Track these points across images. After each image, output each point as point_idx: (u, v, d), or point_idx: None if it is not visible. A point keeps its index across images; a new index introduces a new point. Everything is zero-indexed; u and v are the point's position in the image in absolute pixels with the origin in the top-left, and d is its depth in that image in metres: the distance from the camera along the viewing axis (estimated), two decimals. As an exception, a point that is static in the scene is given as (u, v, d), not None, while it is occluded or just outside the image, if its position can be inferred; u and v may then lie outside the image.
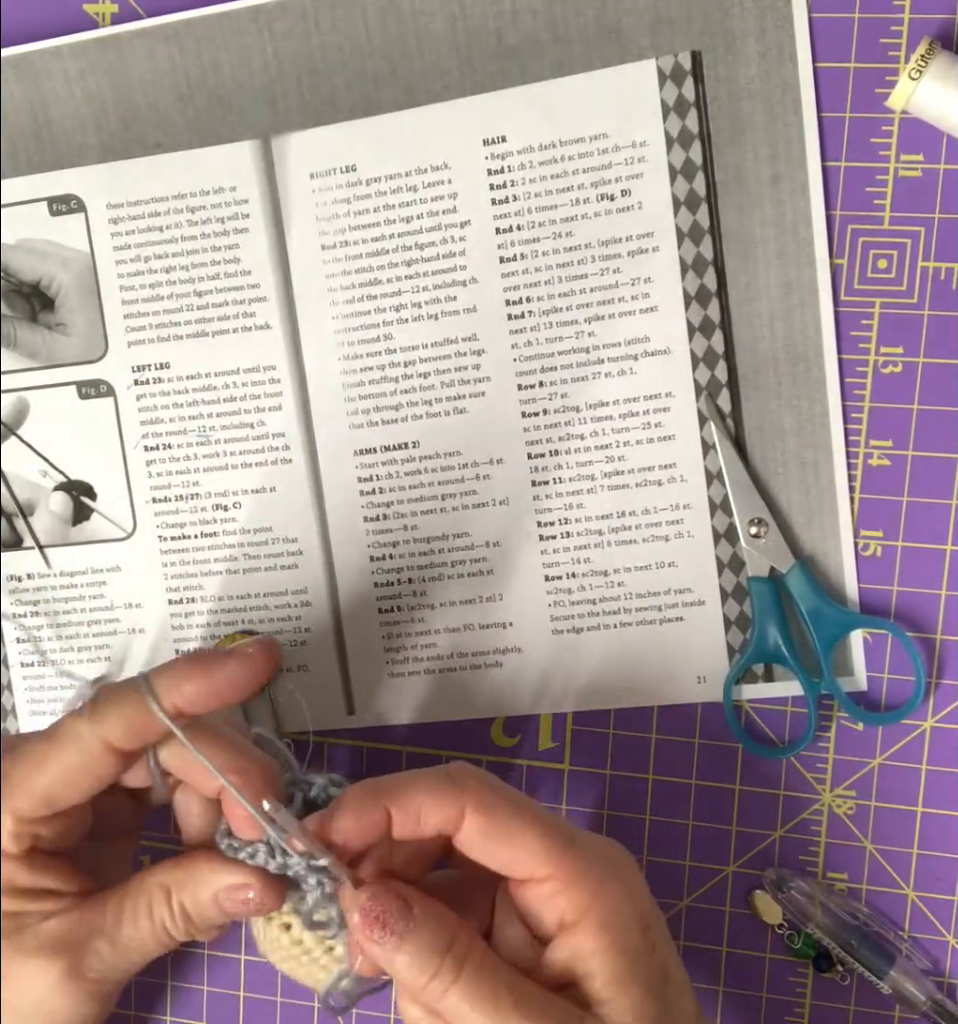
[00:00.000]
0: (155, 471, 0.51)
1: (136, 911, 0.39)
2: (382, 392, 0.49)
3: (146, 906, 0.39)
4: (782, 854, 0.48)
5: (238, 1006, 0.52)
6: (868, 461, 0.47)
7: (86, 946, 0.39)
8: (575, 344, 0.48)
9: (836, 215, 0.46)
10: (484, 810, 0.36)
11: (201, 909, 0.39)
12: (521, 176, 0.47)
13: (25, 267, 0.51)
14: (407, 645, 0.50)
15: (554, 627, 0.49)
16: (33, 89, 0.50)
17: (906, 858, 0.48)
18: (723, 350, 0.47)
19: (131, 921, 0.39)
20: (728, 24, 0.46)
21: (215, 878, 0.38)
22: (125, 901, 0.39)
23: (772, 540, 0.47)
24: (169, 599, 0.51)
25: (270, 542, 0.50)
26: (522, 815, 0.36)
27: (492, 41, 0.47)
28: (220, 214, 0.49)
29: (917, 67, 0.43)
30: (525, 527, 0.49)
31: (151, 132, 0.49)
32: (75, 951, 0.38)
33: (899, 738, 0.47)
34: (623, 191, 0.47)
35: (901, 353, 0.46)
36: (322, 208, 0.49)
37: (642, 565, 0.48)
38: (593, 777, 0.50)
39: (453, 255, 0.48)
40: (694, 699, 0.48)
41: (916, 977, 0.46)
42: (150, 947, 0.39)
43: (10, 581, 0.52)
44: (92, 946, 0.39)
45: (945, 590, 0.47)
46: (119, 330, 0.50)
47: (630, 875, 0.38)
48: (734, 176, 0.46)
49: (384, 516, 0.50)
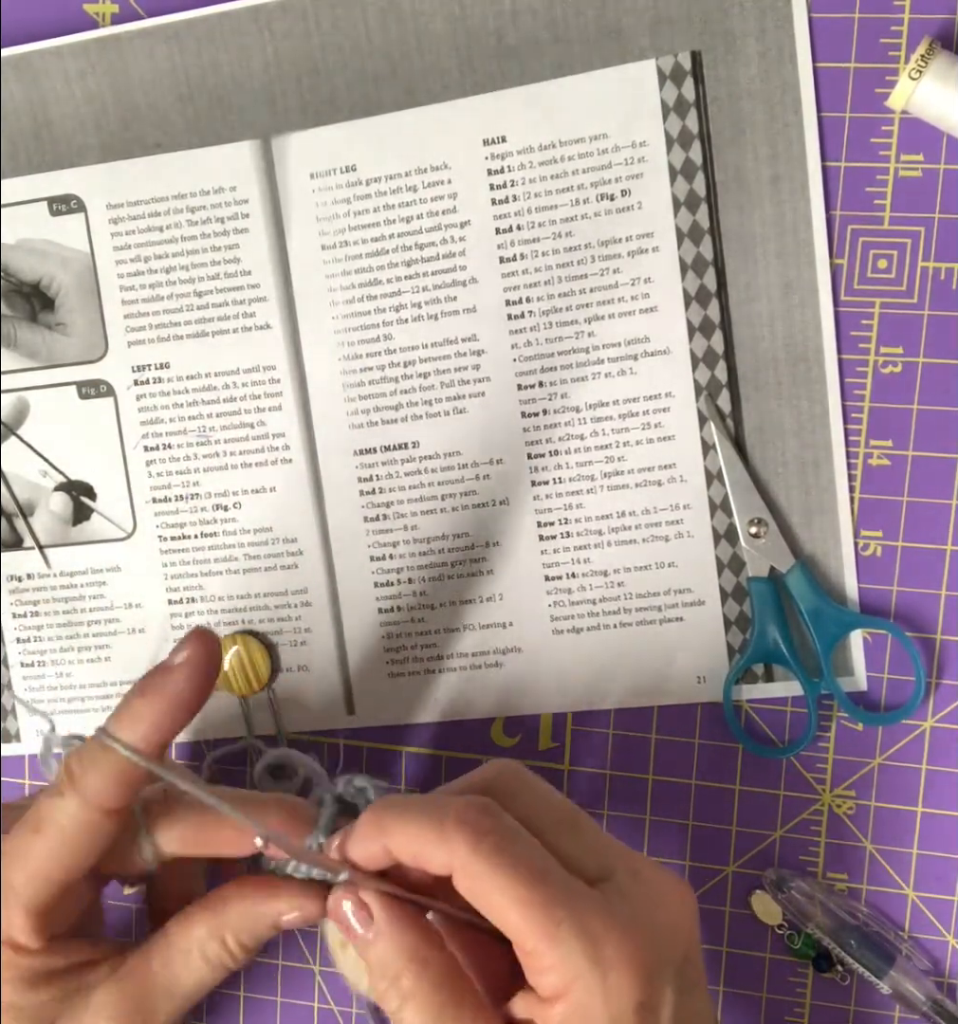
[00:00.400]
0: (155, 471, 0.51)
1: (188, 961, 0.38)
2: (382, 392, 0.49)
3: (200, 953, 0.38)
4: (782, 854, 0.48)
5: (238, 1006, 0.52)
6: (868, 461, 0.47)
7: (144, 1007, 0.38)
8: (575, 344, 0.48)
9: (836, 215, 0.46)
10: (467, 876, 0.34)
11: (259, 936, 0.39)
12: (521, 176, 0.47)
13: (25, 267, 0.51)
14: (407, 645, 0.50)
15: (554, 627, 0.49)
16: (33, 89, 0.50)
17: (906, 858, 0.48)
18: (723, 350, 0.47)
19: (185, 971, 0.38)
20: (728, 24, 0.46)
21: (272, 907, 0.38)
22: (173, 955, 0.38)
23: (772, 540, 0.47)
24: (169, 599, 0.51)
25: (270, 542, 0.50)
26: (507, 888, 0.33)
27: (492, 41, 0.47)
28: (220, 214, 0.49)
29: (917, 67, 0.43)
30: (525, 527, 0.49)
31: (151, 132, 0.49)
32: (135, 1013, 0.38)
33: (899, 738, 0.47)
34: (623, 191, 0.47)
35: (901, 353, 0.46)
36: (322, 208, 0.49)
37: (642, 565, 0.48)
38: (593, 777, 0.50)
39: (453, 255, 0.48)
40: (694, 699, 0.48)
41: (916, 977, 0.46)
42: (208, 985, 0.39)
43: (10, 581, 0.52)
44: (155, 1006, 0.38)
45: (945, 590, 0.47)
46: (119, 330, 0.50)
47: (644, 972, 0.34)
48: (734, 176, 0.46)
49: (384, 516, 0.50)
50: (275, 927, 0.38)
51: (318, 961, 0.51)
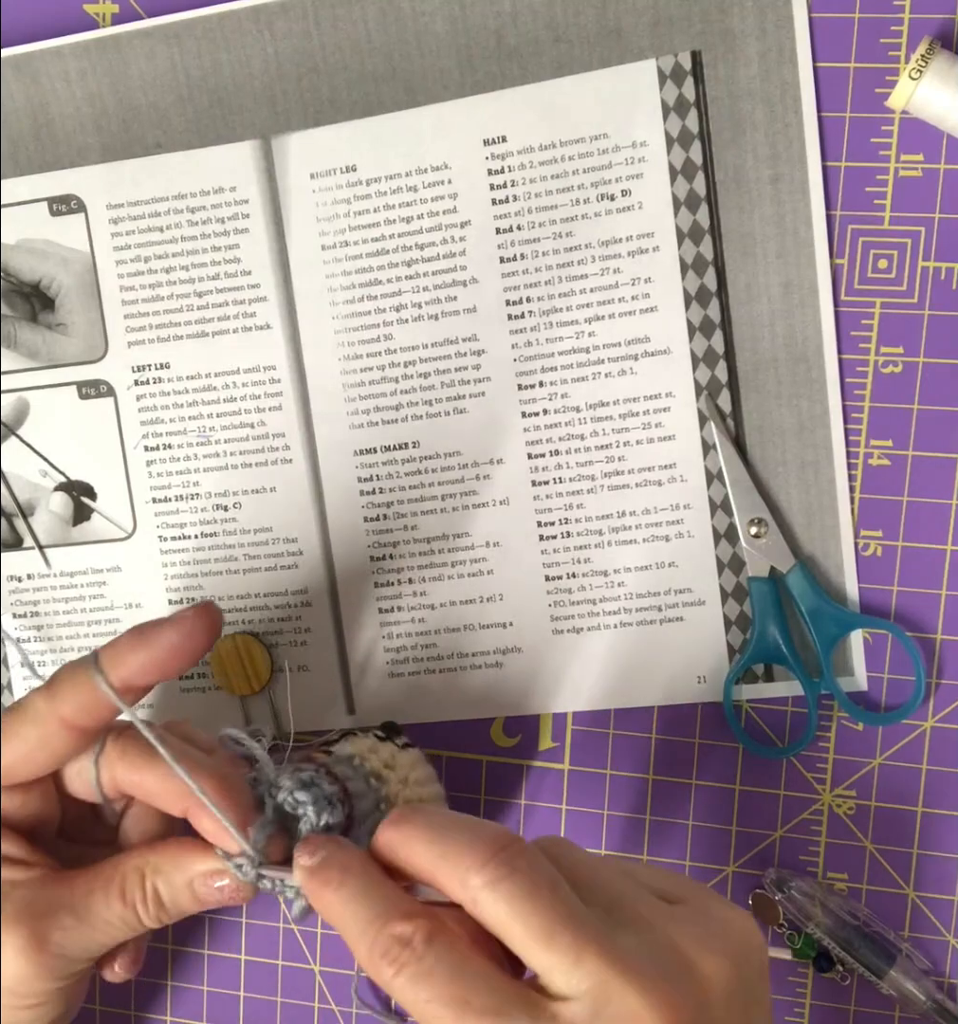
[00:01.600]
0: (155, 471, 0.51)
1: (108, 889, 0.38)
2: (382, 392, 0.49)
3: (119, 886, 0.38)
4: (782, 854, 0.48)
5: (238, 1006, 0.52)
6: (868, 461, 0.47)
7: (51, 916, 0.38)
8: (575, 344, 0.48)
9: (836, 215, 0.46)
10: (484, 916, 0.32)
11: (175, 894, 0.38)
12: (521, 176, 0.47)
13: (25, 267, 0.51)
14: (407, 645, 0.50)
15: (554, 627, 0.49)
16: (33, 89, 0.50)
17: (906, 858, 0.48)
18: (723, 350, 0.47)
19: (102, 899, 0.38)
20: (728, 24, 0.46)
21: (192, 864, 0.38)
22: (97, 878, 0.39)
23: (772, 540, 0.47)
24: (169, 599, 0.51)
25: (270, 542, 0.50)
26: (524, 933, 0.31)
27: (492, 41, 0.47)
28: (220, 214, 0.49)
29: (917, 67, 0.43)
30: (525, 527, 0.49)
31: (151, 132, 0.49)
32: (39, 919, 0.38)
33: (899, 738, 0.47)
34: (623, 191, 0.47)
35: (901, 353, 0.46)
36: (322, 208, 0.49)
37: (642, 565, 0.48)
38: (593, 777, 0.49)
39: (453, 255, 0.48)
40: (694, 699, 0.48)
41: (916, 977, 0.46)
42: (117, 928, 0.39)
43: (10, 581, 0.52)
44: (57, 918, 0.38)
45: (945, 590, 0.47)
46: (119, 330, 0.50)
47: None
48: (734, 176, 0.46)
49: (384, 516, 0.50)
50: (191, 888, 0.38)
51: (318, 961, 0.51)
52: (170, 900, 0.39)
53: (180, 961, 0.52)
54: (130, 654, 0.38)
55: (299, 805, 0.37)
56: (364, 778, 0.42)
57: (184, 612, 0.38)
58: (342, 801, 0.38)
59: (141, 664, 0.38)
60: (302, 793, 0.37)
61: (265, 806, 0.37)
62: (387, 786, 0.43)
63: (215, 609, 0.39)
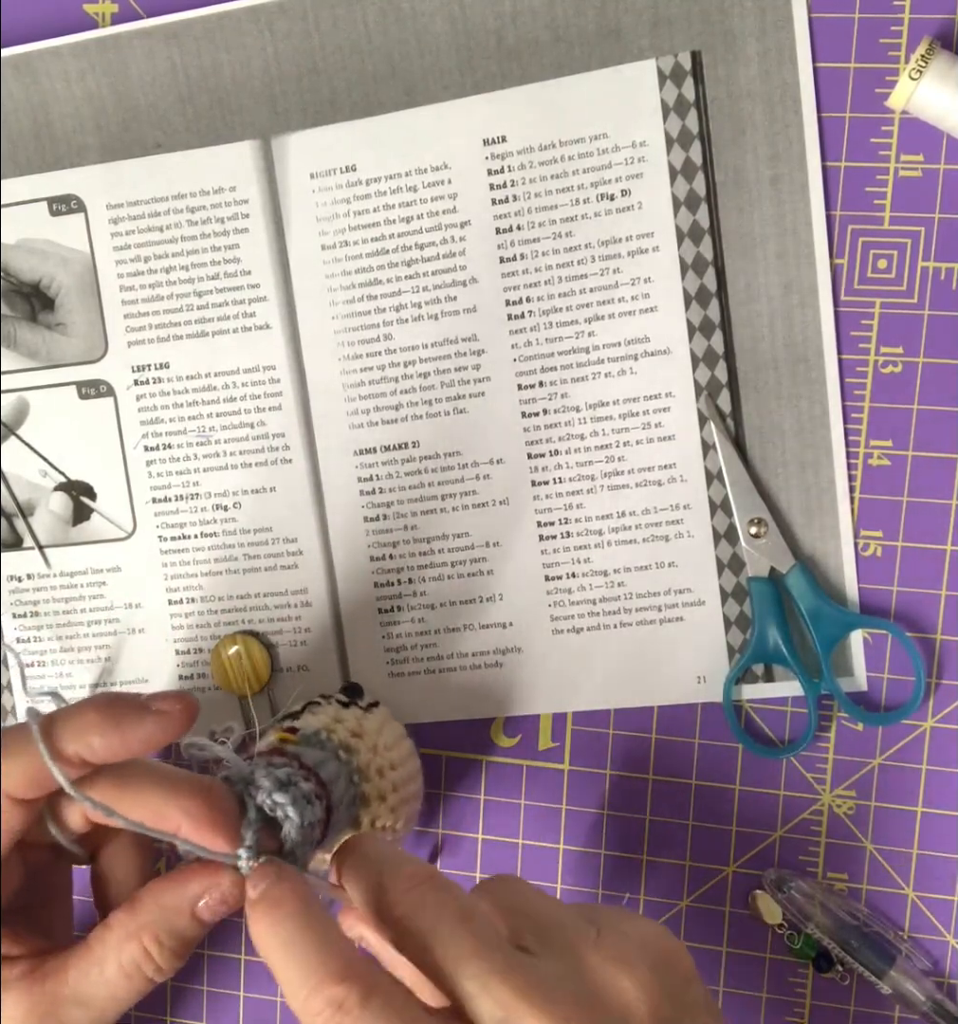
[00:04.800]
0: (155, 471, 0.51)
1: (103, 968, 0.36)
2: (382, 392, 0.49)
3: (115, 963, 0.36)
4: (782, 854, 0.48)
5: (238, 1006, 0.52)
6: (868, 461, 0.47)
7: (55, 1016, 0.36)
8: (575, 344, 0.48)
9: (836, 215, 0.46)
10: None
11: (180, 934, 0.36)
12: (521, 176, 0.47)
13: (25, 267, 0.51)
14: (407, 645, 0.50)
15: (554, 627, 0.49)
16: (33, 89, 0.50)
17: (906, 858, 0.48)
18: (723, 350, 0.47)
19: (100, 981, 0.36)
20: (728, 24, 0.46)
21: (184, 895, 0.35)
22: (89, 962, 0.36)
23: (772, 540, 0.47)
24: (169, 599, 0.51)
25: (270, 542, 0.50)
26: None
27: (492, 41, 0.47)
28: (220, 214, 0.49)
29: (917, 67, 0.43)
30: (525, 527, 0.49)
31: (151, 132, 0.49)
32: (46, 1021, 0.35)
33: (899, 738, 0.47)
34: (623, 191, 0.47)
35: (901, 353, 0.46)
36: (322, 208, 0.49)
37: (642, 565, 0.48)
38: (593, 777, 0.50)
39: (453, 255, 0.48)
40: (694, 699, 0.48)
41: (916, 977, 0.46)
42: (128, 999, 0.37)
43: (10, 581, 0.52)
44: (64, 1010, 0.36)
45: (945, 590, 0.47)
46: (119, 330, 0.50)
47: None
48: (734, 176, 0.46)
49: (384, 516, 0.50)
50: (196, 918, 0.35)
51: (318, 961, 0.51)
52: (179, 943, 0.36)
53: (180, 961, 0.52)
54: (95, 735, 0.35)
55: (278, 807, 0.37)
56: (334, 754, 0.42)
57: (169, 704, 0.36)
58: (319, 796, 0.38)
59: (106, 746, 0.35)
60: (280, 795, 0.37)
61: (246, 806, 0.37)
62: (358, 756, 0.43)
63: (194, 701, 0.37)
